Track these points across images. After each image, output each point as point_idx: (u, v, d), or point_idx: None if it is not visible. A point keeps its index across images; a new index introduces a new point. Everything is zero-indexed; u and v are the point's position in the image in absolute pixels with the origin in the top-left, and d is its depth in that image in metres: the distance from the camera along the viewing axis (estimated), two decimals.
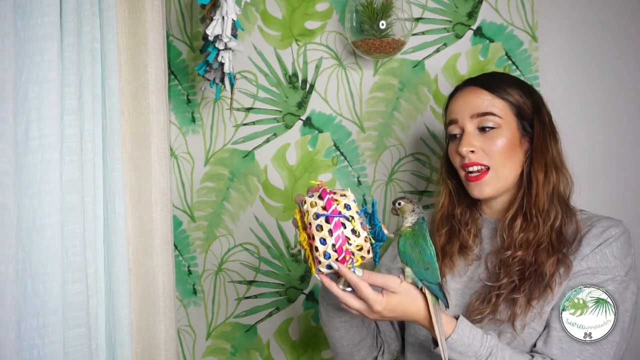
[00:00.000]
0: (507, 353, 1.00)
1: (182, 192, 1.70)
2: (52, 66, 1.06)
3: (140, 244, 1.42)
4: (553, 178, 1.11)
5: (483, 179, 1.12)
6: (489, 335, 1.01)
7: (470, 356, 0.99)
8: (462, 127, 1.15)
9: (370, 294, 0.97)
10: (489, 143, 1.12)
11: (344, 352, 1.22)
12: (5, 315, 0.92)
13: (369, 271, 0.98)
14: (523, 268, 1.07)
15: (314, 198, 0.98)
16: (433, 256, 1.00)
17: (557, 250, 1.06)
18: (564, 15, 1.54)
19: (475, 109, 1.13)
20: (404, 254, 1.01)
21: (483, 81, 1.17)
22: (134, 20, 1.41)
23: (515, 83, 1.17)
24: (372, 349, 1.24)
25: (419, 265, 0.99)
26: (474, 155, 1.12)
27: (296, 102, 1.65)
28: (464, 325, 1.00)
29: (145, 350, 1.42)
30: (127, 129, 1.42)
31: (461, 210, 1.21)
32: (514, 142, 1.13)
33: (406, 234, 1.02)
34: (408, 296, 1.00)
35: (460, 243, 1.17)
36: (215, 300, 1.68)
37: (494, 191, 1.13)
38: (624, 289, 1.04)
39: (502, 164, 1.12)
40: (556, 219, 1.09)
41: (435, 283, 0.99)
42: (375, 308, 0.97)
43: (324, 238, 0.95)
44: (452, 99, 1.20)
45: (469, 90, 1.17)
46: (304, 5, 1.64)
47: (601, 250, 1.06)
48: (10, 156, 0.96)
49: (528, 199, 1.11)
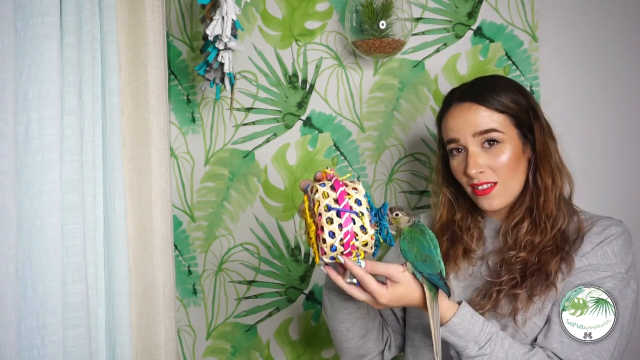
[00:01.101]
0: (507, 342, 1.01)
1: (182, 192, 1.70)
2: (52, 66, 1.06)
3: (140, 244, 1.42)
4: (559, 182, 1.13)
5: (491, 193, 1.13)
6: (490, 322, 1.02)
7: (469, 340, 1.00)
8: (464, 146, 1.14)
9: (375, 287, 0.99)
10: (494, 160, 1.12)
11: (349, 346, 1.21)
12: (5, 315, 0.92)
13: (372, 261, 1.00)
14: (525, 267, 1.08)
15: (326, 188, 0.98)
16: (432, 248, 1.02)
17: (561, 249, 1.08)
18: (564, 15, 1.54)
19: (476, 127, 1.12)
20: (404, 251, 1.03)
21: (476, 95, 1.14)
22: (134, 20, 1.41)
23: (506, 88, 1.15)
24: (379, 343, 1.24)
25: (418, 258, 1.01)
26: (483, 175, 1.12)
27: (296, 102, 1.65)
28: (466, 310, 1.02)
29: (145, 350, 1.42)
30: (127, 129, 1.42)
31: (462, 215, 1.21)
32: (517, 153, 1.13)
33: (405, 232, 1.05)
34: (410, 284, 1.02)
35: (464, 247, 1.18)
36: (215, 300, 1.68)
37: (503, 203, 1.14)
38: (624, 287, 1.05)
39: (508, 178, 1.13)
40: (563, 224, 1.11)
41: (435, 273, 1.01)
42: (381, 301, 1.00)
43: (333, 231, 0.95)
44: (447, 115, 1.17)
45: (466, 107, 1.14)
46: (304, 5, 1.64)
47: (602, 247, 1.07)
48: (10, 156, 0.96)
49: (537, 203, 1.12)
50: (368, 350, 1.22)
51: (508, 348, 1.01)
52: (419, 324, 1.19)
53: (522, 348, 1.02)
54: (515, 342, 1.02)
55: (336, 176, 1.01)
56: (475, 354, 1.00)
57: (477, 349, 1.00)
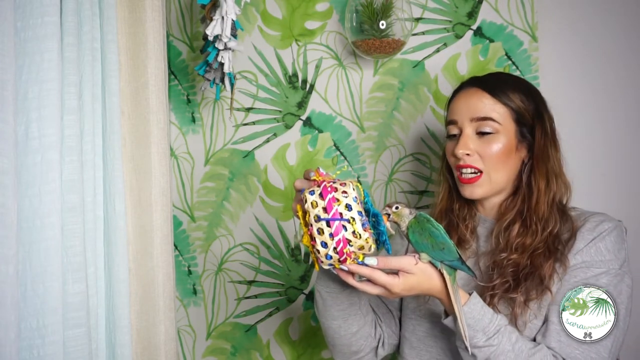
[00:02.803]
0: (514, 335, 1.02)
1: (182, 192, 1.70)
2: (52, 66, 1.06)
3: (140, 244, 1.42)
4: (554, 186, 1.13)
5: (475, 182, 1.14)
6: (499, 315, 1.03)
7: (478, 330, 1.01)
8: (460, 129, 1.16)
9: (387, 280, 0.99)
10: (485, 147, 1.13)
11: (341, 343, 1.21)
12: (5, 315, 0.92)
13: (384, 257, 0.99)
14: (516, 270, 1.09)
15: (315, 197, 0.96)
16: (444, 235, 1.02)
17: (554, 252, 1.08)
18: (564, 15, 1.54)
19: (475, 113, 1.14)
20: (416, 243, 1.02)
21: (486, 83, 1.17)
22: (134, 20, 1.41)
23: (519, 87, 1.17)
24: (371, 340, 1.23)
25: (435, 247, 1.00)
26: (469, 158, 1.14)
27: (296, 102, 1.65)
28: (477, 301, 1.02)
29: (145, 350, 1.42)
30: (127, 129, 1.42)
31: (459, 205, 1.22)
32: (510, 148, 1.14)
33: (412, 224, 1.03)
34: (424, 274, 1.01)
35: (458, 237, 1.19)
36: (215, 300, 1.68)
37: (485, 193, 1.15)
38: (618, 282, 1.05)
39: (495, 169, 1.14)
40: (555, 227, 1.11)
41: (456, 259, 1.01)
42: (394, 290, 1.00)
43: (325, 242, 0.94)
44: (454, 98, 1.21)
45: (472, 92, 1.17)
46: (304, 5, 1.64)
47: (595, 244, 1.07)
48: (10, 156, 0.96)
49: (528, 205, 1.13)
50: (360, 347, 1.22)
51: (515, 341, 1.01)
52: (417, 324, 1.19)
53: (528, 343, 1.03)
54: (521, 337, 1.03)
55: (325, 180, 0.98)
56: (482, 344, 1.00)
57: (485, 339, 1.00)
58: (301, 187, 1.02)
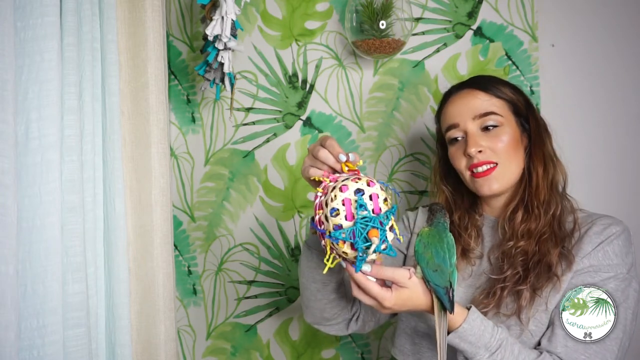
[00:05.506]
0: (517, 347, 1.01)
1: (182, 192, 1.70)
2: (52, 66, 1.06)
3: (140, 244, 1.42)
4: (551, 170, 1.15)
5: (491, 175, 1.13)
6: (499, 327, 1.02)
7: (480, 347, 0.99)
8: (464, 130, 1.16)
9: (379, 292, 0.96)
10: (494, 141, 1.14)
11: (315, 306, 1.20)
12: (5, 315, 0.92)
13: (378, 265, 0.97)
14: (526, 258, 1.08)
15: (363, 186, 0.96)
16: (446, 260, 0.98)
17: (560, 239, 1.08)
18: (564, 15, 1.54)
19: (476, 110, 1.15)
20: (417, 252, 1.00)
21: (476, 82, 1.19)
22: (134, 20, 1.41)
23: (505, 82, 1.20)
24: (346, 312, 1.22)
25: (429, 265, 0.98)
26: (482, 155, 1.14)
27: (296, 102, 1.65)
28: (475, 316, 1.00)
29: (145, 350, 1.42)
30: (127, 129, 1.42)
31: (459, 215, 1.22)
32: (516, 138, 1.15)
33: (422, 233, 1.02)
34: (417, 289, 0.99)
35: (462, 247, 1.18)
36: (215, 300, 1.68)
37: (502, 186, 1.15)
38: (626, 287, 1.05)
39: (508, 159, 1.14)
40: (556, 209, 1.11)
41: (442, 287, 0.98)
42: (385, 304, 0.98)
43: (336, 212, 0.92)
44: (447, 104, 1.21)
45: (465, 93, 1.18)
46: (304, 5, 1.64)
47: (603, 248, 1.07)
48: (10, 156, 0.96)
49: (529, 191, 1.14)
50: (333, 314, 1.21)
51: (518, 353, 1.00)
52: (414, 325, 1.19)
53: (532, 353, 1.01)
54: (524, 347, 1.02)
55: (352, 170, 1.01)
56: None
57: (488, 356, 0.99)
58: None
